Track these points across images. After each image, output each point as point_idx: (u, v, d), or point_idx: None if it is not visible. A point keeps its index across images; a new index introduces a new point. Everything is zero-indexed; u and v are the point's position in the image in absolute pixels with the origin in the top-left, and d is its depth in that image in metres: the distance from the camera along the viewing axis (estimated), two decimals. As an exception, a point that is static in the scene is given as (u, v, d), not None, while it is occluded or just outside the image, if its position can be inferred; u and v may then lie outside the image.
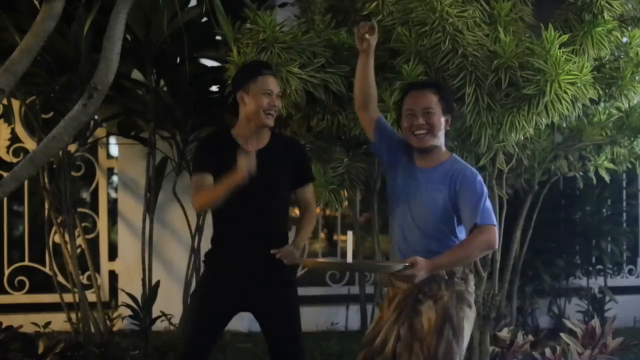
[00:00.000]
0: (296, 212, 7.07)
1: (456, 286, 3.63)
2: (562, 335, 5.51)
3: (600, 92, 5.20)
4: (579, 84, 4.55)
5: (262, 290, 3.90)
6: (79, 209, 6.45)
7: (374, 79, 3.89)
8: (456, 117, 3.99)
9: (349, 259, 3.46)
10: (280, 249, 3.76)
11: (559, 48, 4.49)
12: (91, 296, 6.26)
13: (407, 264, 3.39)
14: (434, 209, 3.62)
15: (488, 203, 3.59)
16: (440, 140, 3.70)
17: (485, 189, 3.62)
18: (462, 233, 3.68)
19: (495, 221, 3.58)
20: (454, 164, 3.68)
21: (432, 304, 3.59)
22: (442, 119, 3.68)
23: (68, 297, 6.28)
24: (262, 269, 3.86)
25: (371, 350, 3.67)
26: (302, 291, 4.18)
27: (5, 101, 6.08)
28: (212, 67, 6.13)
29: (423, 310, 3.59)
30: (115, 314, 6.43)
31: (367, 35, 3.74)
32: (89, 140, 6.40)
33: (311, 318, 4.05)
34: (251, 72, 3.91)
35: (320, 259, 3.85)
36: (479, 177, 3.65)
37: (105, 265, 7.01)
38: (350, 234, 3.48)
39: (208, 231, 6.25)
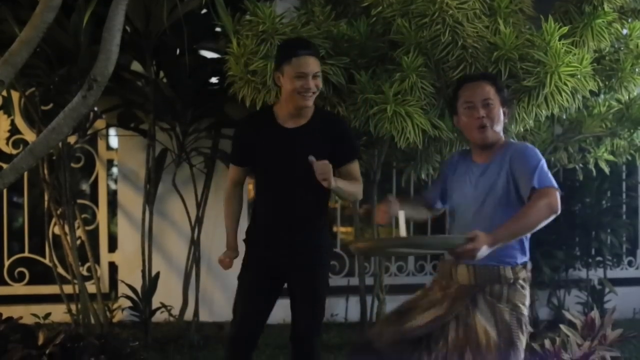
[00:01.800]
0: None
1: (517, 296, 3.49)
2: (562, 326, 5.51)
3: (600, 84, 5.21)
4: (578, 76, 4.56)
5: (292, 271, 3.94)
6: (79, 201, 6.45)
7: (420, 205, 3.79)
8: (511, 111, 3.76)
9: (402, 233, 3.22)
10: (317, 161, 3.66)
11: (559, 40, 4.49)
12: (91, 287, 6.27)
13: (468, 237, 3.14)
14: (499, 200, 3.44)
15: (546, 168, 3.39)
16: (500, 134, 3.53)
17: (542, 158, 3.41)
18: None
19: (555, 184, 3.38)
20: (509, 148, 3.50)
21: (490, 315, 3.41)
22: (501, 112, 3.51)
23: (68, 289, 6.28)
24: (293, 249, 3.90)
25: (400, 329, 3.46)
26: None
27: (4, 93, 6.08)
28: (212, 59, 6.12)
29: (479, 319, 3.40)
30: (115, 306, 6.44)
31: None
32: (89, 132, 6.40)
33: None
34: (286, 53, 3.84)
35: (373, 239, 3.56)
36: (533, 148, 3.46)
37: (105, 256, 7.02)
38: (402, 213, 3.24)
39: (208, 223, 6.29)
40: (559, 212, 3.38)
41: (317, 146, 3.84)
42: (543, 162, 3.40)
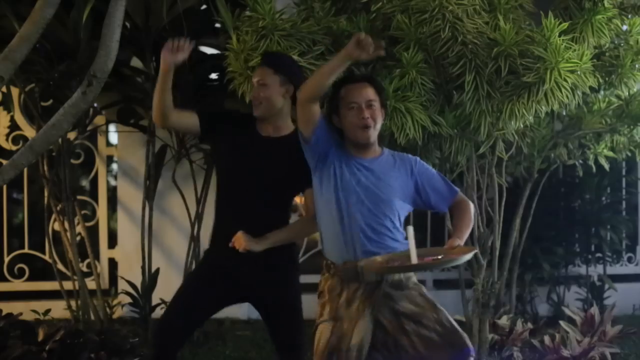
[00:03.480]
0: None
1: (411, 278, 3.65)
2: (562, 323, 5.52)
3: (600, 80, 5.20)
4: (578, 72, 4.55)
5: (257, 288, 3.81)
6: (79, 197, 6.46)
7: None
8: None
9: (414, 259, 3.29)
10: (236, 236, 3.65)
11: (559, 36, 4.48)
12: (91, 284, 6.28)
13: (473, 250, 3.49)
14: (389, 197, 3.60)
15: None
16: (377, 131, 3.67)
17: None
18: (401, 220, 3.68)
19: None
20: (392, 153, 3.74)
21: (401, 295, 3.57)
22: (382, 112, 3.67)
23: (68, 285, 6.29)
24: (255, 264, 3.74)
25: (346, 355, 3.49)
26: (300, 279, 4.14)
27: (4, 89, 6.08)
28: (212, 55, 6.11)
29: (397, 297, 3.56)
30: (115, 302, 6.44)
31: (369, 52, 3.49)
32: (89, 128, 6.40)
33: (309, 306, 4.01)
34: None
35: (381, 260, 3.57)
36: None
37: (104, 252, 7.02)
38: (410, 229, 3.30)
39: (208, 219, 6.28)
40: None
41: (283, 160, 3.77)
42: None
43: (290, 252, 3.92)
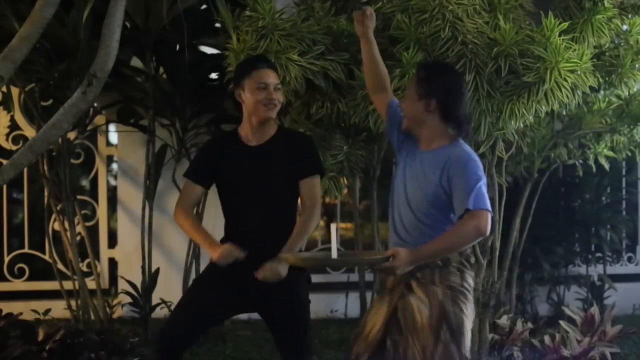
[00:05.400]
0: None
1: (451, 278, 3.42)
2: (562, 322, 5.53)
3: (600, 80, 5.20)
4: (578, 72, 4.54)
5: (264, 294, 3.76)
6: (79, 197, 6.46)
7: (381, 61, 3.79)
8: (449, 98, 3.52)
9: (334, 254, 3.27)
10: (261, 270, 3.63)
11: (559, 35, 4.48)
12: (91, 283, 6.27)
13: (388, 256, 3.21)
14: (426, 192, 3.42)
15: (484, 189, 3.33)
16: (427, 123, 3.47)
17: (482, 175, 3.36)
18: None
19: (489, 206, 3.31)
20: (455, 148, 3.45)
21: (424, 297, 3.40)
22: (419, 103, 3.45)
23: (68, 285, 6.29)
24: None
25: (358, 334, 3.54)
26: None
27: (4, 89, 6.07)
28: (212, 55, 6.12)
29: (413, 300, 3.41)
30: (115, 302, 6.44)
31: (365, 21, 3.70)
32: (89, 128, 6.40)
33: (310, 305, 4.01)
34: (245, 69, 3.83)
35: (300, 255, 3.64)
36: (475, 162, 3.40)
37: (104, 252, 7.02)
38: (333, 226, 3.35)
39: (207, 219, 6.29)
40: (487, 234, 3.35)
41: (280, 162, 3.79)
42: (482, 181, 3.35)
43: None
